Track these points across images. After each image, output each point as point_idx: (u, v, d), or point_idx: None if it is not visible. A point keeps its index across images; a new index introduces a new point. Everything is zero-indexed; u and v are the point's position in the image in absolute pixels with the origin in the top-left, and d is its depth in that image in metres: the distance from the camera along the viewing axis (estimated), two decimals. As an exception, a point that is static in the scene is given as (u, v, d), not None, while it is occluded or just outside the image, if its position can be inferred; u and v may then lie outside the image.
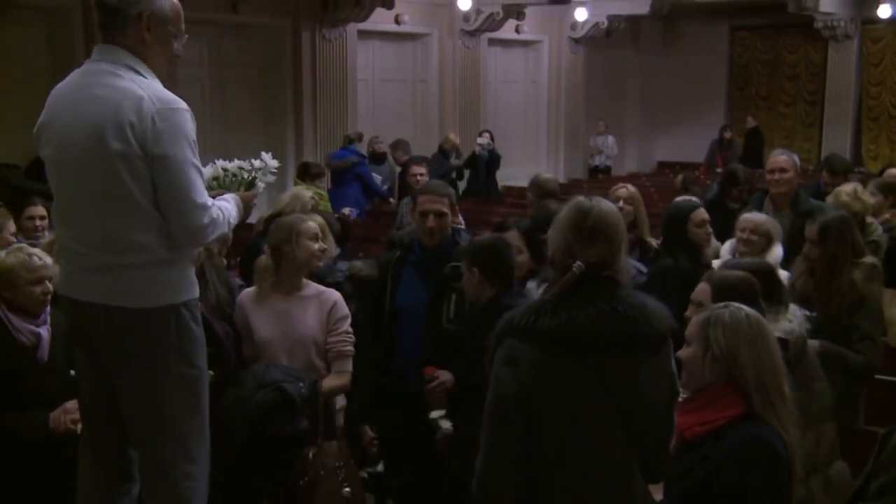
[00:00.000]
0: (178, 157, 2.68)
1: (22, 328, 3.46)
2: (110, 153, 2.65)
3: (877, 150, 16.06)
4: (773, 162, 5.52)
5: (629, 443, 2.34)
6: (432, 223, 3.92)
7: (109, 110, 2.66)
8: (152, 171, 2.67)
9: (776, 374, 2.51)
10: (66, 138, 2.74)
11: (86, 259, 2.76)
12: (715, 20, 16.99)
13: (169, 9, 2.82)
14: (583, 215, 2.37)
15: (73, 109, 2.74)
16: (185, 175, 2.69)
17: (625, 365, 2.31)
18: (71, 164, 2.74)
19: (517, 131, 15.79)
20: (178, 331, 2.77)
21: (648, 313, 2.33)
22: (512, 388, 2.30)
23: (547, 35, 15.91)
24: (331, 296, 3.72)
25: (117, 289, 2.72)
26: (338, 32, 12.20)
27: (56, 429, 3.36)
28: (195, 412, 2.83)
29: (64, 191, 2.81)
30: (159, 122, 2.65)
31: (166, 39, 2.83)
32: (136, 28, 2.75)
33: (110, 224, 2.71)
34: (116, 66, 2.73)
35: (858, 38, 15.88)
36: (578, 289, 2.32)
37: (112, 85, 2.70)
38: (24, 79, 9.67)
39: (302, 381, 3.41)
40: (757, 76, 17.37)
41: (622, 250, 2.40)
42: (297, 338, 3.64)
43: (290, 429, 3.37)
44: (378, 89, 13.81)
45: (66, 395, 3.41)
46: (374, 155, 11.17)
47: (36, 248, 3.63)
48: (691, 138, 16.51)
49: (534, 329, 2.29)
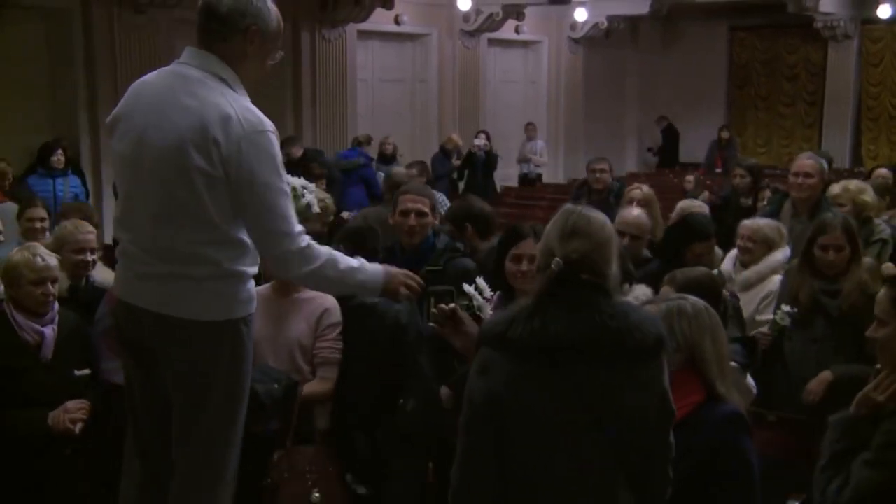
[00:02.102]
0: (264, 182, 2.62)
1: (26, 326, 3.48)
2: (190, 166, 2.58)
3: (876, 151, 16.05)
4: (798, 165, 5.28)
5: (611, 457, 2.23)
6: (413, 222, 3.94)
7: (196, 123, 2.59)
8: (236, 193, 2.62)
9: (727, 361, 2.74)
10: (144, 139, 2.66)
11: (145, 266, 2.69)
12: (714, 20, 16.99)
13: (275, 26, 2.77)
14: (565, 216, 2.30)
15: (156, 111, 2.66)
16: (272, 200, 2.63)
17: (602, 377, 2.19)
18: (147, 168, 2.66)
19: (517, 131, 15.77)
20: (233, 346, 2.71)
21: (631, 323, 2.20)
22: (482, 396, 2.23)
23: (546, 35, 15.91)
24: (324, 301, 3.65)
25: (175, 299, 2.66)
26: (337, 33, 12.21)
27: (55, 427, 3.37)
28: (234, 429, 2.79)
29: (132, 193, 2.73)
30: (246, 146, 2.59)
31: (266, 55, 2.78)
32: (241, 40, 2.70)
33: (178, 234, 2.64)
34: (206, 75, 2.67)
35: (858, 38, 15.87)
36: (558, 293, 2.22)
37: (200, 95, 2.63)
38: (23, 79, 9.70)
39: (277, 382, 3.32)
40: (756, 76, 17.36)
41: (609, 257, 2.27)
42: (284, 339, 3.60)
43: (258, 429, 3.25)
44: (378, 89, 13.82)
45: (68, 395, 3.43)
46: (384, 156, 11.21)
47: (43, 248, 3.62)
48: (691, 138, 16.52)
49: (505, 337, 2.20)
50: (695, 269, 3.55)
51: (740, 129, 17.07)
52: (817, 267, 4.14)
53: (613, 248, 2.30)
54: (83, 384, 3.48)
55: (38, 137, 9.27)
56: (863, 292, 4.00)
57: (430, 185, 7.65)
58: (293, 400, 3.40)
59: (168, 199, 2.63)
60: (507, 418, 2.22)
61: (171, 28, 10.41)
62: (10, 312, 3.48)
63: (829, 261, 4.10)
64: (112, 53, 9.90)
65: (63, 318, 3.57)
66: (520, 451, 2.24)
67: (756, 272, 4.46)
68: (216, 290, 2.68)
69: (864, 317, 3.77)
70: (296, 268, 2.73)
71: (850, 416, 2.55)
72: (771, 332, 4.13)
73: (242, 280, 2.73)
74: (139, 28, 9.96)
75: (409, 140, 13.65)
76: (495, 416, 2.22)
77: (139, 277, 2.71)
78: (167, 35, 10.30)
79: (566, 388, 2.19)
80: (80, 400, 3.44)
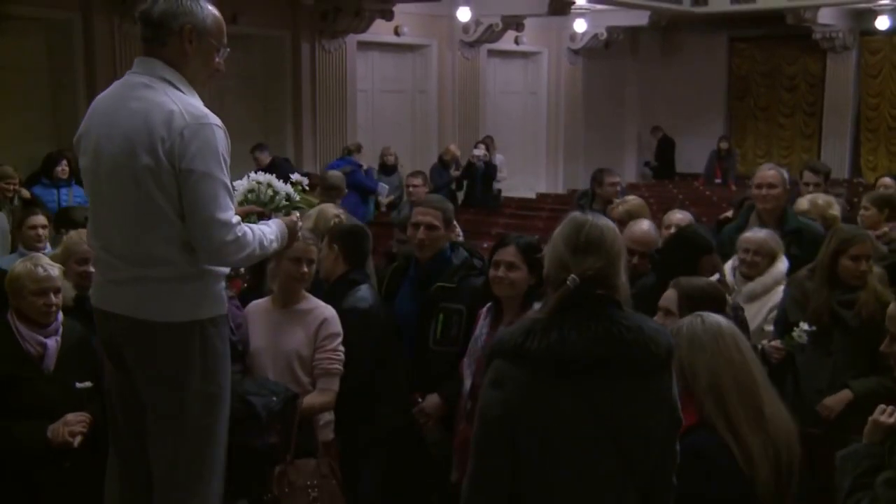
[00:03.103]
0: (203, 172, 2.65)
1: (29, 337, 3.46)
2: (140, 167, 2.65)
3: (875, 161, 16.07)
4: (760, 177, 5.19)
5: (624, 471, 2.23)
6: (422, 235, 3.89)
7: (141, 124, 2.66)
8: (180, 185, 2.66)
9: (737, 380, 2.55)
10: (99, 149, 2.75)
11: (115, 271, 2.77)
12: (713, 31, 17.03)
13: (211, 22, 2.81)
14: (577, 229, 2.29)
15: (108, 121, 2.75)
16: (209, 191, 2.66)
17: (618, 390, 2.20)
18: (103, 176, 2.75)
19: (516, 142, 15.80)
20: (203, 347, 2.75)
21: (646, 336, 2.21)
22: (497, 410, 2.20)
23: (546, 46, 15.94)
24: (323, 312, 3.64)
25: (144, 302, 2.72)
26: (337, 44, 12.23)
27: (53, 439, 3.34)
28: (212, 430, 2.81)
29: (96, 202, 2.83)
30: (188, 137, 2.64)
31: (208, 52, 2.82)
32: (178, 41, 2.75)
33: (139, 237, 2.71)
34: (152, 79, 2.74)
35: (857, 49, 15.93)
36: (573, 307, 2.22)
37: (145, 98, 2.70)
38: (24, 89, 9.72)
39: (276, 395, 3.31)
40: (756, 87, 17.39)
41: (620, 268, 2.29)
42: (282, 350, 3.59)
43: (256, 443, 3.26)
44: (377, 100, 13.83)
45: (69, 406, 3.41)
46: (385, 166, 11.22)
47: (45, 259, 3.61)
48: (690, 149, 16.53)
49: (522, 349, 2.18)
50: (700, 279, 3.50)
51: (740, 140, 17.10)
52: (839, 278, 4.11)
53: (623, 260, 2.32)
54: (85, 396, 3.46)
55: (40, 147, 9.28)
56: (877, 300, 3.98)
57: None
58: (293, 413, 3.37)
59: (126, 202, 2.70)
60: (522, 431, 2.20)
61: (172, 39, 10.44)
62: (14, 323, 3.47)
63: (861, 271, 4.08)
64: (112, 64, 9.90)
65: (67, 329, 3.55)
66: (534, 463, 2.22)
67: (762, 284, 4.44)
68: (179, 290, 2.72)
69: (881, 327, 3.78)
70: (230, 257, 2.76)
71: (862, 446, 2.52)
72: (784, 348, 4.09)
73: (206, 280, 2.76)
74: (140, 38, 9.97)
75: (409, 151, 13.67)
76: (510, 430, 2.20)
77: (110, 283, 2.79)
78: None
79: (582, 400, 2.19)
80: (81, 413, 3.41)
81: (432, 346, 3.79)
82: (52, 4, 9.64)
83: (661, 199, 12.40)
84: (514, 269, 3.47)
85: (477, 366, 3.44)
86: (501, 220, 10.57)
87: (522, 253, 3.49)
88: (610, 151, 16.83)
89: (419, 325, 3.83)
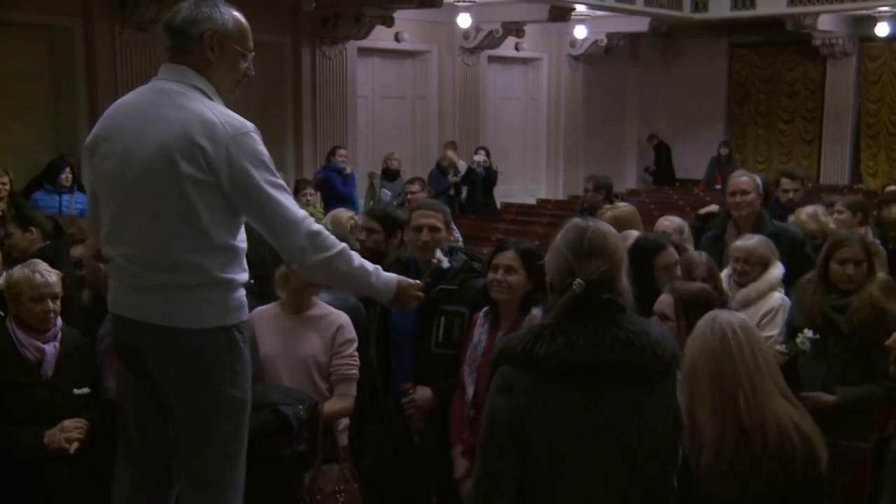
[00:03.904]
0: (260, 181, 2.66)
1: (27, 343, 3.47)
2: (179, 175, 2.62)
3: (876, 167, 16.09)
4: (733, 184, 5.15)
5: (631, 476, 2.25)
6: (426, 237, 3.88)
7: (179, 131, 2.63)
8: (233, 196, 2.66)
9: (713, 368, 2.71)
10: (129, 154, 2.69)
11: (138, 278, 2.71)
12: (714, 38, 17.06)
13: (233, 27, 2.79)
14: (580, 234, 2.31)
15: (139, 126, 2.70)
16: (271, 196, 2.67)
17: (626, 395, 2.21)
18: (132, 181, 2.69)
19: (517, 148, 15.82)
20: (231, 352, 2.74)
21: (653, 341, 2.23)
22: (506, 416, 2.20)
23: (546, 52, 15.96)
24: (338, 318, 3.66)
25: (172, 308, 2.68)
26: (338, 50, 12.24)
27: (50, 446, 3.34)
28: (237, 434, 2.80)
29: (119, 207, 2.75)
30: (233, 149, 2.64)
31: (233, 58, 2.80)
32: (200, 48, 2.74)
33: (169, 242, 2.67)
34: (185, 87, 2.71)
35: (857, 55, 15.95)
36: (579, 311, 2.23)
37: (183, 106, 2.67)
38: (25, 95, 9.73)
39: (301, 403, 3.34)
40: (756, 93, 17.41)
41: (622, 272, 2.31)
42: (299, 357, 3.60)
43: (287, 452, 3.31)
44: (378, 106, 13.84)
45: (68, 413, 3.41)
46: (388, 172, 11.22)
47: (44, 265, 3.60)
48: (690, 155, 16.55)
49: (531, 355, 2.19)
50: (694, 284, 3.57)
51: (740, 146, 17.12)
52: (832, 283, 4.11)
53: (626, 264, 2.34)
54: (83, 402, 3.46)
55: (40, 153, 9.32)
56: (873, 307, 3.97)
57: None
58: (317, 420, 3.42)
59: (159, 209, 2.66)
60: (530, 436, 2.21)
61: (173, 45, 10.45)
62: (12, 329, 3.47)
63: (849, 275, 4.07)
64: (113, 70, 9.92)
65: (66, 335, 3.56)
66: (541, 467, 2.23)
67: (755, 290, 4.43)
68: (207, 297, 2.70)
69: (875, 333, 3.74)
70: (307, 255, 2.73)
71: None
72: (788, 353, 4.09)
73: (231, 287, 2.75)
74: (140, 45, 9.99)
75: (410, 156, 13.66)
76: (519, 435, 2.20)
77: (132, 290, 2.73)
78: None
79: (590, 404, 2.20)
80: (78, 419, 3.41)
81: (434, 349, 3.79)
82: (53, 11, 9.65)
83: (662, 204, 12.40)
84: (513, 273, 3.47)
85: (479, 373, 3.44)
86: (502, 226, 10.58)
87: (522, 257, 3.49)
88: (610, 157, 16.85)
89: (420, 327, 3.83)
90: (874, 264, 4.18)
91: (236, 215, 2.74)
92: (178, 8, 2.79)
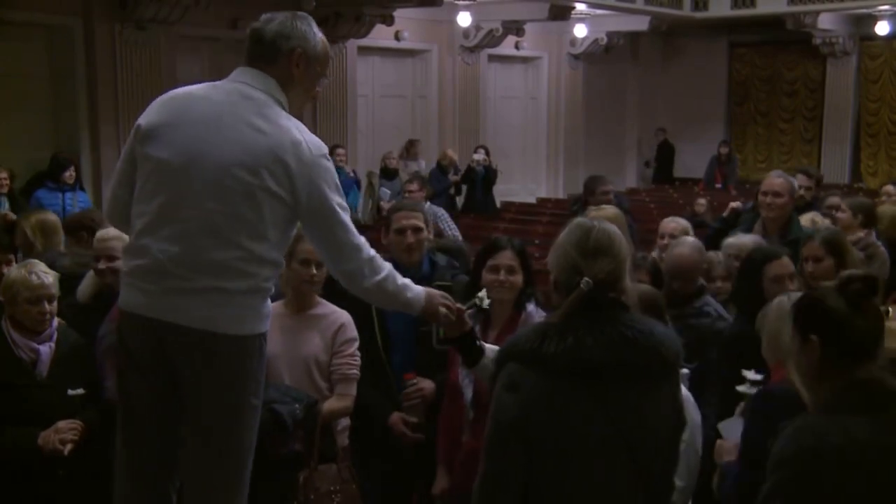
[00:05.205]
0: (334, 202, 2.72)
1: (22, 344, 3.47)
2: (259, 187, 2.61)
3: (876, 167, 16.08)
4: (767, 184, 5.09)
5: (635, 475, 2.26)
6: (411, 239, 3.87)
7: (268, 147, 2.63)
8: (308, 215, 2.72)
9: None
10: (201, 152, 2.64)
11: (185, 280, 2.63)
12: (714, 37, 17.06)
13: (321, 50, 2.83)
14: (586, 233, 2.32)
15: (217, 127, 2.66)
16: (342, 220, 2.74)
17: (632, 395, 2.22)
18: (198, 180, 2.63)
19: (517, 147, 15.82)
20: (259, 360, 2.74)
21: (657, 340, 2.24)
22: (511, 414, 2.21)
23: (546, 51, 15.96)
24: (340, 317, 3.65)
25: (215, 313, 2.64)
26: (338, 48, 12.24)
27: (44, 447, 3.33)
28: (252, 441, 2.80)
29: (173, 202, 2.65)
30: (315, 170, 2.68)
31: (312, 79, 2.84)
32: (286, 63, 2.75)
33: (227, 250, 2.63)
34: (271, 99, 2.73)
35: (857, 54, 15.94)
36: (586, 311, 2.24)
37: (272, 120, 2.68)
38: (25, 94, 9.74)
39: (299, 402, 3.33)
40: (756, 92, 17.41)
41: (627, 271, 2.33)
42: (299, 356, 3.59)
43: (282, 450, 3.28)
44: (378, 105, 13.85)
45: (64, 414, 3.40)
46: (387, 171, 11.22)
47: (41, 266, 3.59)
48: (690, 154, 16.55)
49: (539, 353, 2.19)
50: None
51: (740, 145, 17.12)
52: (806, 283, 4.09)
53: (629, 263, 2.36)
54: (78, 403, 3.44)
55: (40, 152, 9.33)
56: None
57: (430, 201, 7.72)
58: (315, 420, 3.41)
59: (226, 214, 2.62)
60: (536, 434, 2.21)
61: (173, 44, 10.47)
62: (7, 329, 3.47)
63: (809, 272, 4.09)
64: (113, 69, 9.93)
65: (62, 336, 3.55)
66: (546, 465, 2.23)
67: None
68: (248, 304, 2.69)
69: None
70: (367, 279, 2.79)
71: None
72: None
73: (265, 295, 2.77)
74: (140, 44, 10.00)
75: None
76: (525, 433, 2.21)
77: (175, 292, 2.65)
78: (168, 51, 10.35)
79: (596, 403, 2.21)
80: (73, 420, 3.39)
81: (436, 345, 3.79)
82: (54, 10, 9.67)
83: (662, 203, 12.42)
84: (514, 273, 3.48)
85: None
86: (501, 226, 10.57)
87: (518, 256, 3.51)
88: (610, 156, 16.85)
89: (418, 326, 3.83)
90: (845, 263, 4.08)
91: (290, 233, 2.81)
92: (271, 17, 2.79)
